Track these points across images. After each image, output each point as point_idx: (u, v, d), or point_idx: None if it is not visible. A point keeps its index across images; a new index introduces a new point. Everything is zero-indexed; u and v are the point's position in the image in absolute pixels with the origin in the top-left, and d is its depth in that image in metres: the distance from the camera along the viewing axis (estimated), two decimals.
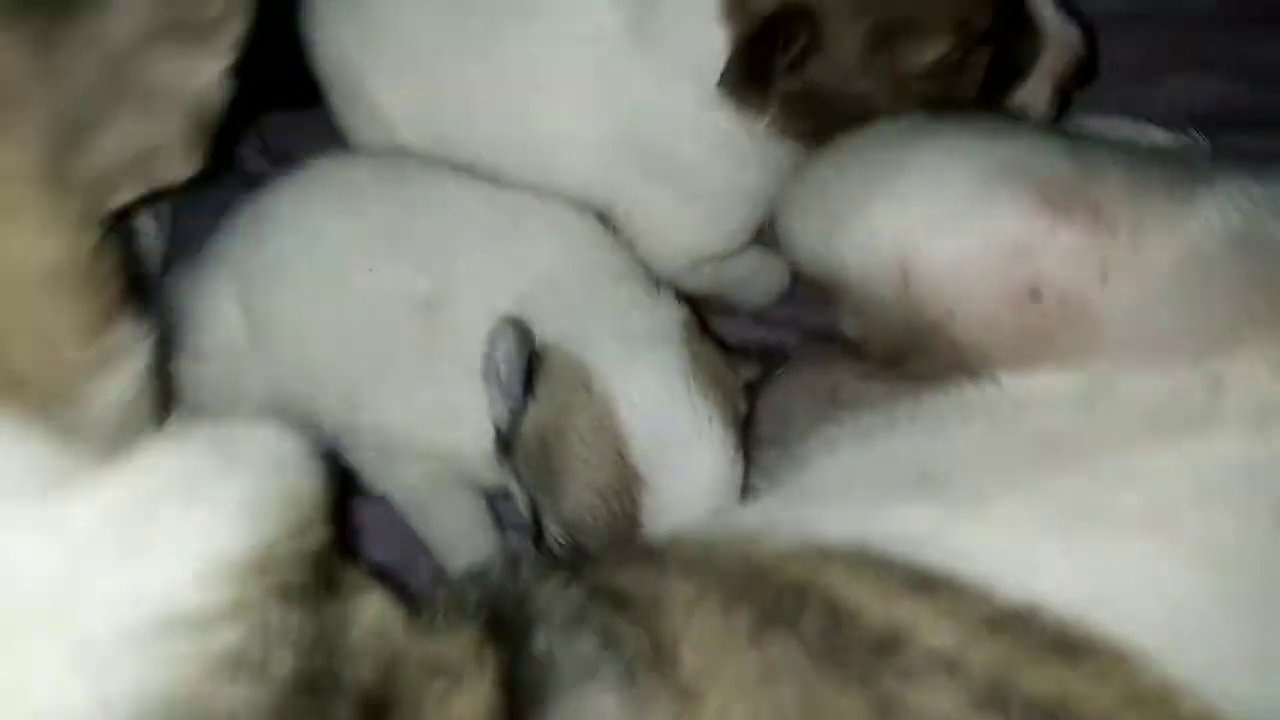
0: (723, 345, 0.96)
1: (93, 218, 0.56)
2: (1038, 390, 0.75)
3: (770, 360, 0.99)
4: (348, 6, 1.06)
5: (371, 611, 0.63)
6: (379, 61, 1.05)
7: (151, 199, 0.64)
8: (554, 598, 0.69)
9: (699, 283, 1.08)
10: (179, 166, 0.61)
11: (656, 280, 0.98)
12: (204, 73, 0.60)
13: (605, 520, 0.85)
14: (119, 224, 0.59)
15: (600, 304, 0.92)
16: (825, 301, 0.98)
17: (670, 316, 0.92)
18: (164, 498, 0.56)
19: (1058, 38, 0.96)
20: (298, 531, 0.58)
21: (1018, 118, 0.95)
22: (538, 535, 0.90)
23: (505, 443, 0.90)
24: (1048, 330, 0.75)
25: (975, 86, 0.94)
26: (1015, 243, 0.75)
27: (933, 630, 0.62)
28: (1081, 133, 0.98)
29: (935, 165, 0.81)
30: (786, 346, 1.09)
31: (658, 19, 0.96)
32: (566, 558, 0.86)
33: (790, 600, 0.65)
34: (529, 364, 0.88)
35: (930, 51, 0.90)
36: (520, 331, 0.88)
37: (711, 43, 0.92)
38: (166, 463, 0.58)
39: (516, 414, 0.88)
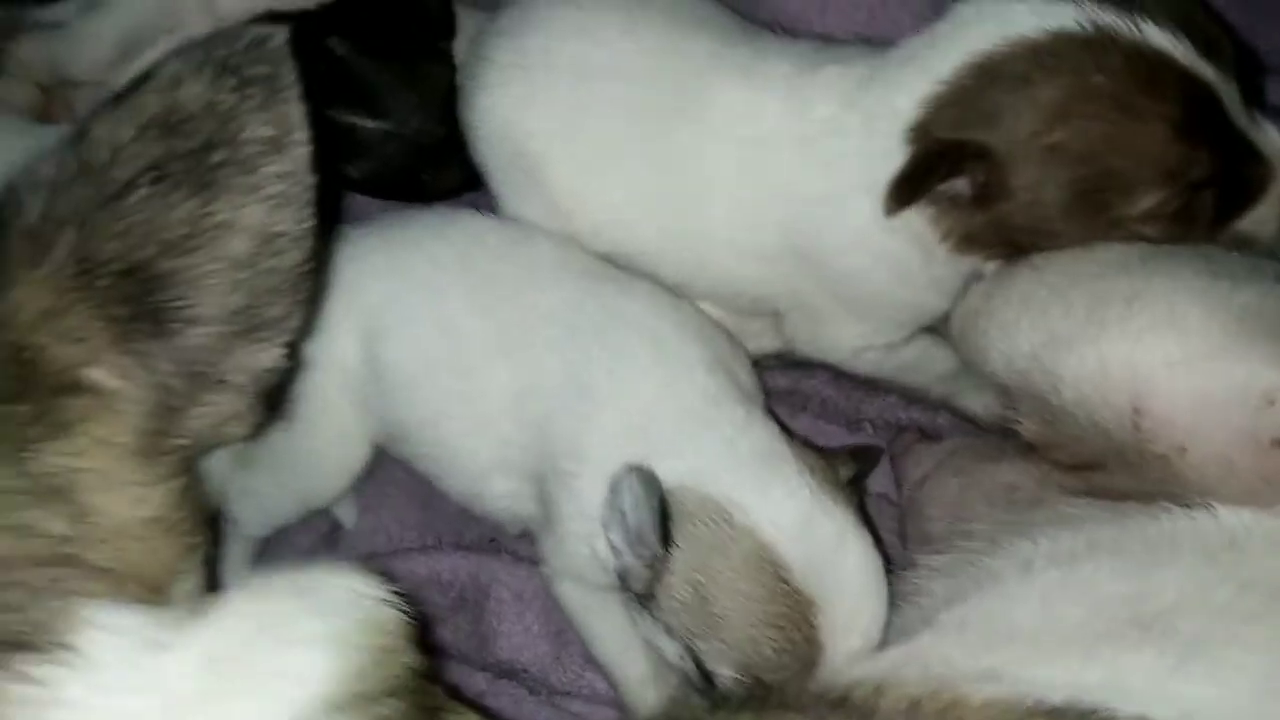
0: (814, 447, 0.95)
1: (178, 474, 0.64)
2: (1259, 531, 0.75)
3: (865, 458, 1.00)
4: (524, 98, 1.04)
5: None
6: (559, 152, 1.03)
7: None
8: None
9: (862, 368, 1.07)
10: (245, 428, 0.69)
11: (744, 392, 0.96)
12: (267, 358, 0.68)
13: (786, 651, 0.83)
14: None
15: (709, 434, 0.90)
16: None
17: (769, 432, 0.91)
18: (253, 645, 0.59)
19: None
20: (384, 660, 0.61)
21: (1242, 244, 0.90)
22: (706, 681, 0.86)
23: (642, 594, 0.87)
24: None
25: (1200, 229, 0.88)
26: (1265, 393, 0.75)
27: None
28: None
29: (1172, 304, 0.81)
30: (937, 427, 1.12)
31: (841, 133, 0.93)
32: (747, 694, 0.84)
33: None
34: (663, 520, 0.84)
35: (1142, 203, 0.85)
36: (646, 479, 0.85)
37: (891, 163, 0.88)
38: (252, 610, 0.61)
39: (657, 566, 0.85)
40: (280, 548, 1.15)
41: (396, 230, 1.06)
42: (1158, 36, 0.82)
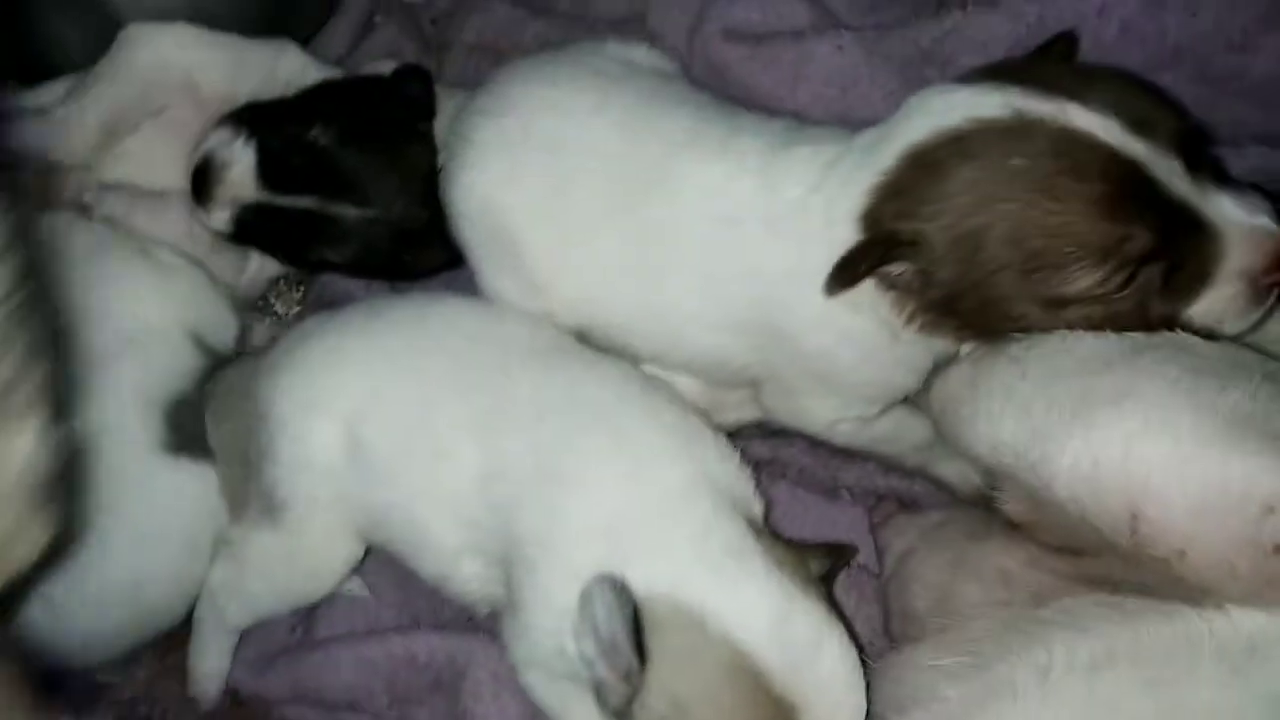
0: (784, 540, 0.94)
1: None
2: (1274, 633, 0.75)
3: (838, 554, 0.98)
4: (503, 176, 1.05)
5: None
6: (536, 227, 1.03)
7: None
8: None
9: (837, 440, 1.06)
10: (31, 549, 0.58)
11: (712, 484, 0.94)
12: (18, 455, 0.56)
13: None
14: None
15: (676, 532, 0.88)
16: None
17: (737, 528, 0.88)
18: None
19: (1243, 232, 0.84)
20: None
21: (1211, 334, 0.89)
22: None
23: (619, 707, 0.84)
24: None
25: (1146, 310, 0.86)
26: (1264, 501, 0.74)
27: None
28: None
29: (1163, 406, 0.80)
30: (915, 495, 1.13)
31: (807, 215, 0.94)
32: None
33: None
34: (637, 634, 0.81)
35: (1080, 283, 0.84)
36: (618, 591, 0.82)
37: (844, 246, 0.89)
38: None
39: (633, 678, 0.82)
40: (258, 630, 1.15)
41: (375, 314, 1.07)
42: (1082, 117, 0.82)
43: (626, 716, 0.84)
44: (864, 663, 0.87)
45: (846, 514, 1.17)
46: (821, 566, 0.92)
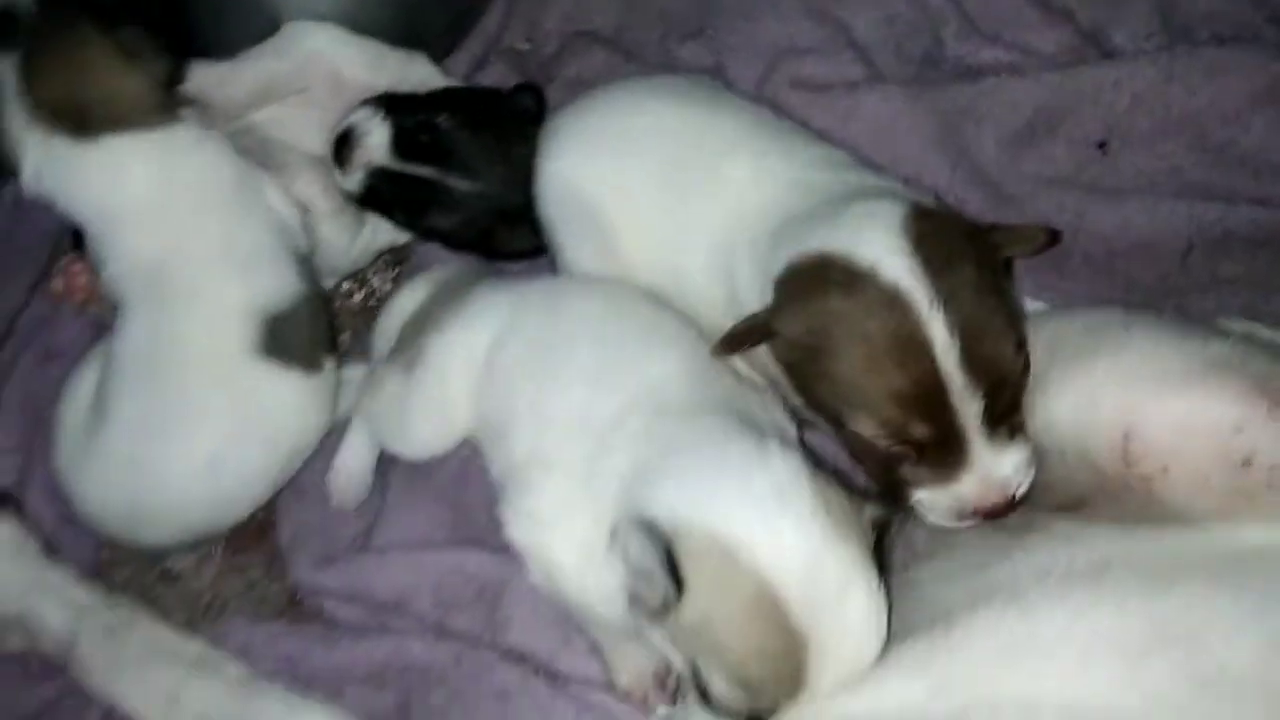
0: (846, 485, 0.98)
1: None
2: (1249, 545, 0.86)
3: (895, 504, 1.02)
4: (583, 161, 1.23)
5: None
6: (610, 203, 1.20)
7: None
8: None
9: None
10: None
11: (771, 427, 1.04)
12: None
13: (773, 681, 0.87)
14: None
15: (722, 469, 0.94)
16: None
17: (787, 466, 0.93)
18: None
19: (982, 477, 0.97)
20: None
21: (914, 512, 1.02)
22: (703, 691, 0.91)
23: (653, 620, 0.92)
24: (1252, 492, 0.87)
25: (893, 468, 1.00)
26: (1236, 423, 0.88)
27: None
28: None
29: (1156, 346, 0.95)
30: None
31: (764, 246, 1.07)
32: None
33: None
34: (668, 557, 0.88)
35: (859, 424, 0.97)
36: (649, 530, 0.89)
37: (761, 295, 1.04)
38: None
39: (668, 601, 0.89)
40: (328, 536, 1.27)
41: (539, 282, 1.24)
42: (938, 330, 0.93)
43: (656, 621, 0.91)
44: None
45: None
46: (877, 514, 0.95)
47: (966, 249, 0.98)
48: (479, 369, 1.15)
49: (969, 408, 0.94)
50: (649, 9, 1.60)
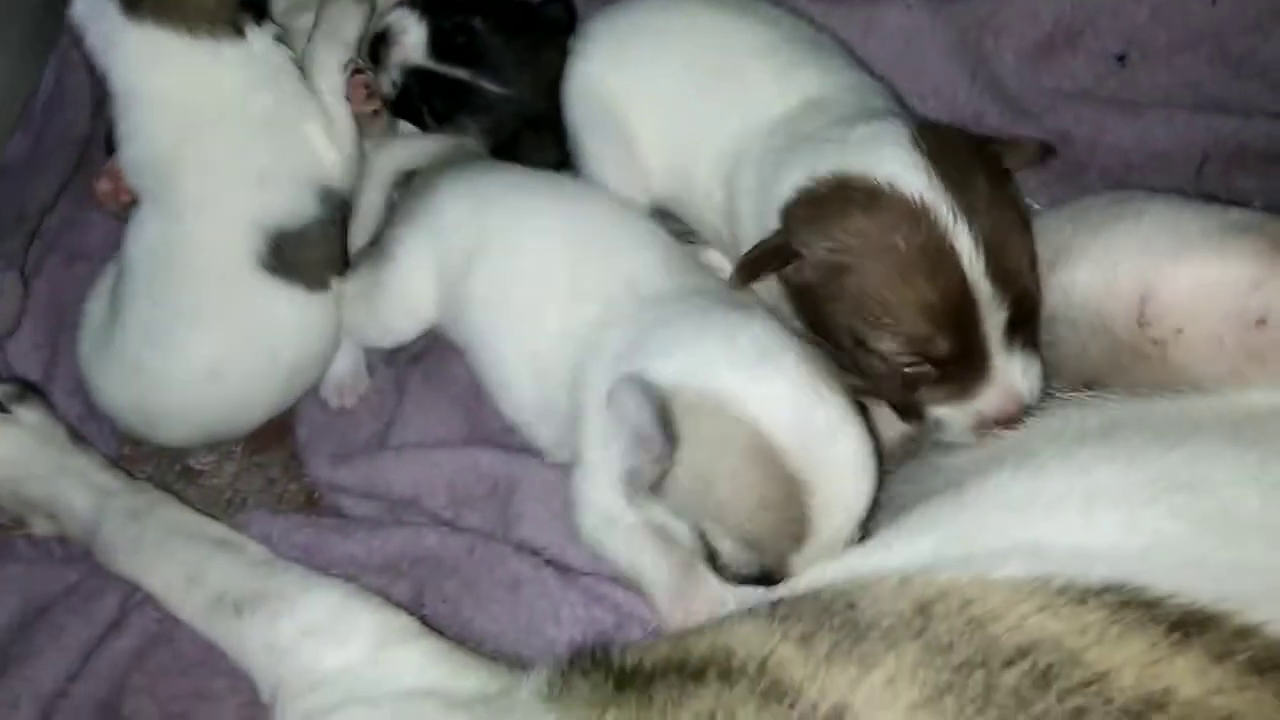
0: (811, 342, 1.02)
1: None
2: (1260, 406, 0.86)
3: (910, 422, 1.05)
4: (613, 61, 1.25)
5: None
6: (636, 103, 1.22)
7: None
8: None
9: None
10: None
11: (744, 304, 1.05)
12: None
13: (780, 530, 0.90)
14: None
15: (708, 332, 0.97)
16: None
17: (767, 328, 0.97)
18: None
19: (1002, 389, 0.98)
20: None
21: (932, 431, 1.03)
22: (712, 558, 0.94)
23: (650, 486, 0.94)
24: (1264, 353, 0.87)
25: (911, 388, 1.00)
26: (1252, 278, 0.88)
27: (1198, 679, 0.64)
28: None
29: (1173, 214, 0.96)
30: None
31: (768, 168, 1.08)
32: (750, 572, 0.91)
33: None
34: (665, 422, 0.91)
35: (881, 342, 0.97)
36: (643, 387, 0.92)
37: (764, 221, 1.06)
38: None
39: (663, 462, 0.91)
40: (344, 436, 1.30)
41: (517, 177, 1.24)
42: (964, 242, 0.93)
43: (657, 491, 0.93)
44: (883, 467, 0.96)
45: None
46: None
47: (976, 163, 0.99)
48: (445, 268, 1.17)
49: (994, 319, 0.95)
50: None
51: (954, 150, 0.99)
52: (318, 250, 1.24)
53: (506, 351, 1.14)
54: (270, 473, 1.31)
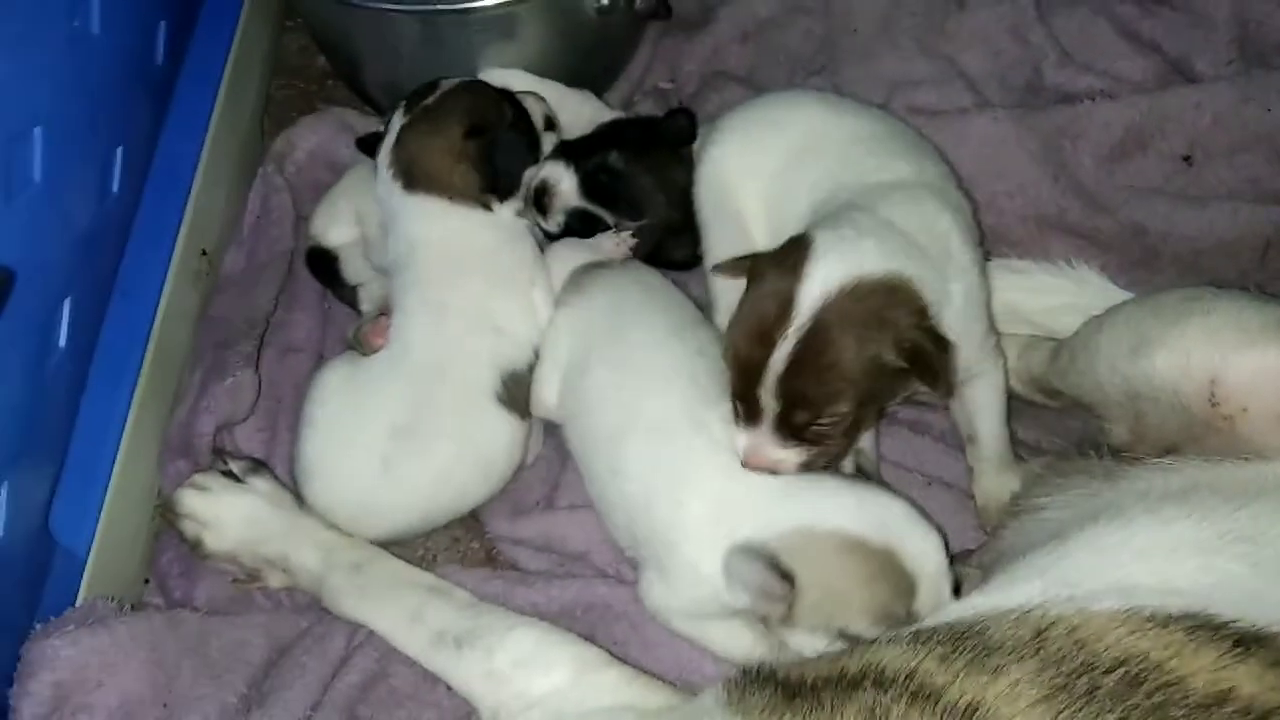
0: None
1: None
2: None
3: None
4: (738, 152, 1.46)
5: None
6: (751, 191, 1.44)
7: None
8: None
9: None
10: None
11: None
12: None
13: (895, 595, 1.11)
14: None
15: (797, 494, 1.19)
16: None
17: (827, 475, 1.21)
18: None
19: (757, 447, 1.20)
20: None
21: None
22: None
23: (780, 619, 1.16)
24: None
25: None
26: None
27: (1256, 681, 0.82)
28: None
29: (1237, 309, 1.15)
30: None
31: None
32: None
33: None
34: (778, 569, 1.12)
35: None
36: (752, 554, 1.13)
37: None
38: None
39: (788, 598, 1.13)
40: (518, 498, 1.50)
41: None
42: (783, 348, 1.13)
43: (787, 620, 1.15)
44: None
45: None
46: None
47: (872, 314, 1.13)
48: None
49: (769, 400, 1.14)
50: (777, 51, 1.85)
51: (873, 305, 1.13)
52: (528, 390, 1.46)
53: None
54: (454, 532, 1.53)
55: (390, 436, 1.38)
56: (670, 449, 1.26)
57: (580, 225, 1.57)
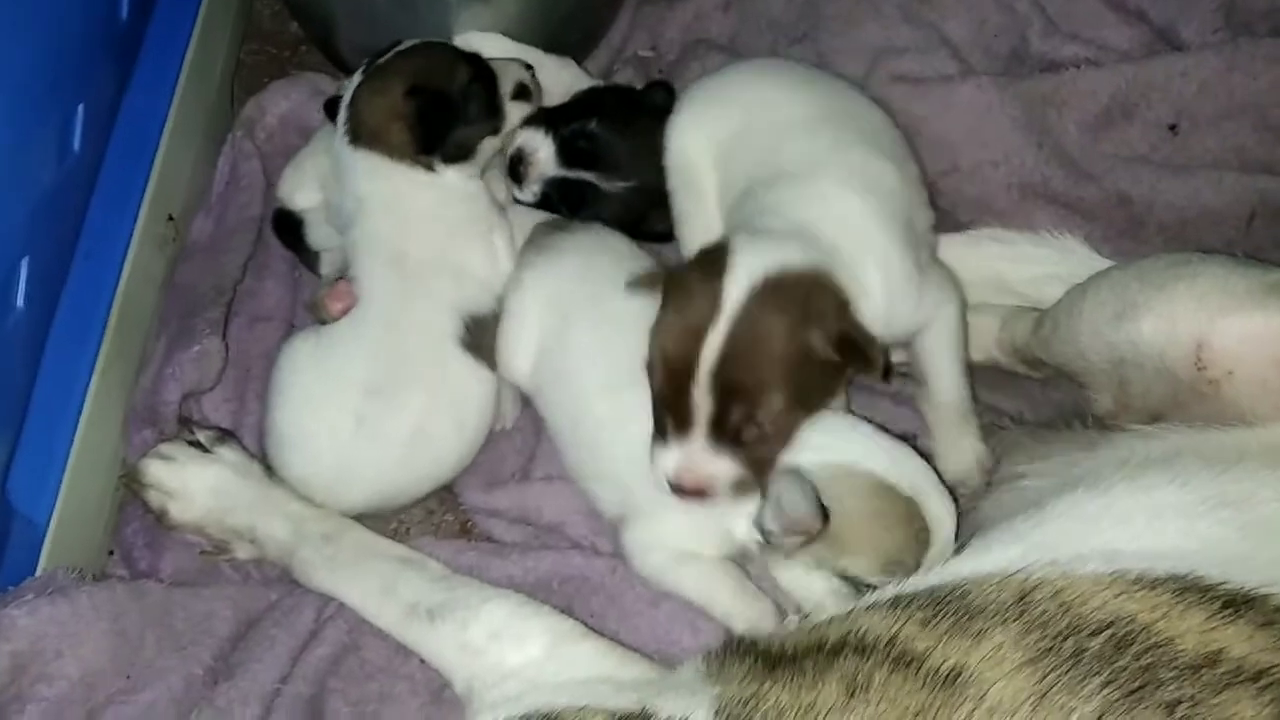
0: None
1: None
2: None
3: None
4: (698, 122, 1.45)
5: None
6: (708, 169, 1.43)
7: None
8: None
9: None
10: None
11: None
12: None
13: (910, 545, 1.12)
14: None
15: (840, 430, 1.19)
16: None
17: (865, 423, 1.21)
18: None
19: (689, 460, 1.18)
20: None
21: None
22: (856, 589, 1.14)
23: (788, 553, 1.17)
24: None
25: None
26: None
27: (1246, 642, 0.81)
28: None
29: (1224, 273, 1.13)
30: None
31: None
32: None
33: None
34: (818, 500, 1.12)
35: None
36: (799, 481, 1.13)
37: None
38: None
39: (812, 533, 1.13)
40: (493, 470, 1.47)
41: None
42: (712, 341, 1.12)
43: (793, 554, 1.15)
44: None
45: None
46: None
47: (796, 306, 1.13)
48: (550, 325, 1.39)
49: (701, 398, 1.12)
50: (759, 18, 1.81)
51: (802, 296, 1.14)
52: (493, 337, 1.44)
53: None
54: (428, 505, 1.50)
55: (364, 395, 1.36)
56: None
57: (559, 197, 1.53)
